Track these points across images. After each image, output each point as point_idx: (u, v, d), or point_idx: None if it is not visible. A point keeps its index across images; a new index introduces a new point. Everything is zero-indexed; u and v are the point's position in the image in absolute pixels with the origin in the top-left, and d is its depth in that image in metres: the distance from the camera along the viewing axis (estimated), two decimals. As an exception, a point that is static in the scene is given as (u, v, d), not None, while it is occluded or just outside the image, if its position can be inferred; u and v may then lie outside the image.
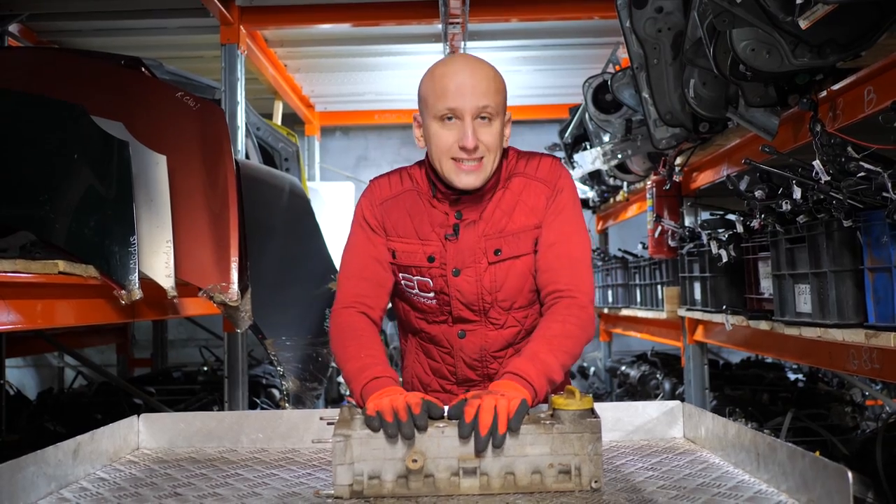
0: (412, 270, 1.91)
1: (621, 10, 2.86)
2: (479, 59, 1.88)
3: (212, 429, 1.86)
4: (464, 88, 1.77)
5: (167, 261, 2.57)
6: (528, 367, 1.62)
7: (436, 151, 1.82)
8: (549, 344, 1.69)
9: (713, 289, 3.21)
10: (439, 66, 1.85)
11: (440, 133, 1.80)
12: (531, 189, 1.89)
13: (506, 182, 1.91)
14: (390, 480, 1.38)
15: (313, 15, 4.64)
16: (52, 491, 1.43)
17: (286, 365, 3.32)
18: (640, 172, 4.29)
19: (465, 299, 1.89)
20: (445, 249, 1.87)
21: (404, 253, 1.90)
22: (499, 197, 1.89)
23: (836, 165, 1.99)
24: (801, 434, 3.20)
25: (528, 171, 1.91)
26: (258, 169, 4.12)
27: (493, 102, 1.79)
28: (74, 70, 2.94)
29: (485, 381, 1.93)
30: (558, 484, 1.39)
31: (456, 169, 1.80)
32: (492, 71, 1.85)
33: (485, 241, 1.87)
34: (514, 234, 1.87)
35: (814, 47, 1.95)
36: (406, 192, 1.92)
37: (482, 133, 1.78)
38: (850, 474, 1.13)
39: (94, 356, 6.43)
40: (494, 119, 1.80)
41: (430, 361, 1.99)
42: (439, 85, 1.79)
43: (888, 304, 1.96)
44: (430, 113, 1.81)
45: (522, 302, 1.91)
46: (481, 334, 1.92)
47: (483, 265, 1.87)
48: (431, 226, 1.89)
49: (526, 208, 1.89)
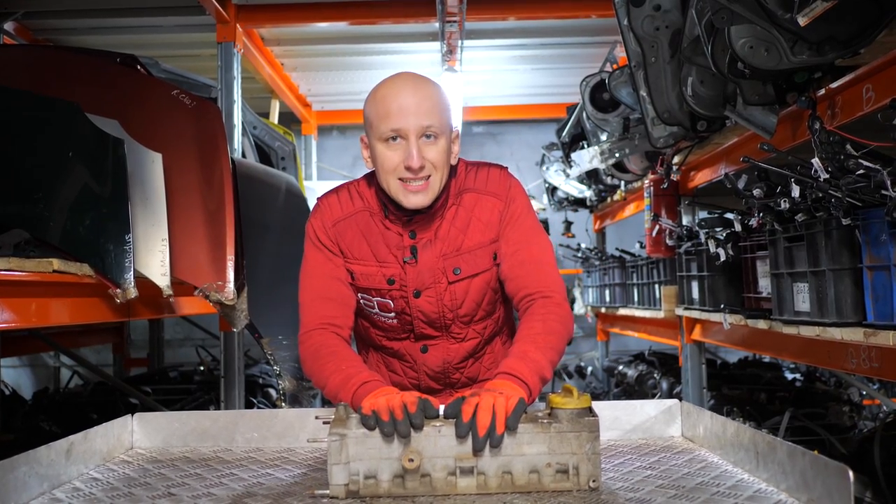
0: (372, 292, 1.90)
1: (619, 8, 2.85)
2: (422, 77, 1.85)
3: (206, 428, 1.84)
4: (406, 109, 1.76)
5: (163, 259, 2.56)
6: (521, 366, 1.61)
7: (382, 173, 1.80)
8: (535, 342, 1.69)
9: (711, 288, 3.20)
10: (381, 87, 1.83)
11: (386, 154, 1.78)
12: (483, 204, 1.89)
13: (457, 198, 1.90)
14: (386, 480, 1.36)
15: (310, 13, 4.63)
16: (44, 491, 1.42)
17: (282, 364, 3.31)
18: (638, 171, 4.29)
19: (427, 318, 1.90)
20: (405, 272, 1.87)
21: (363, 275, 1.89)
22: (452, 214, 1.89)
23: (835, 163, 1.98)
24: (798, 433, 3.20)
25: (478, 186, 1.91)
26: (254, 168, 4.11)
27: (436, 122, 1.78)
28: (69, 67, 2.92)
29: (447, 390, 1.96)
30: (556, 483, 1.37)
31: (403, 189, 1.79)
32: (434, 89, 1.82)
33: (443, 261, 1.87)
34: (470, 252, 1.88)
35: (813, 44, 1.95)
36: (358, 213, 1.90)
37: (427, 151, 1.77)
38: (851, 473, 1.12)
39: (91, 356, 6.42)
40: (440, 137, 1.79)
41: (392, 375, 1.99)
42: (382, 107, 1.78)
43: (887, 302, 1.95)
44: (375, 134, 1.79)
45: (482, 314, 1.94)
46: (443, 348, 1.93)
47: (443, 285, 1.88)
48: (388, 248, 1.88)
49: (480, 224, 1.89)
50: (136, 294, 2.39)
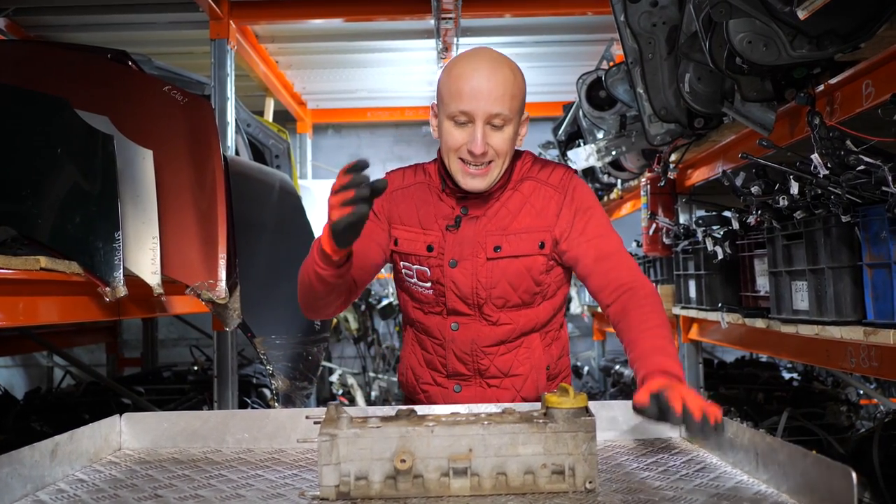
0: (412, 259, 1.93)
1: (616, 4, 2.82)
2: (501, 58, 1.84)
3: (196, 428, 1.81)
4: (478, 93, 1.76)
5: (153, 257, 2.52)
6: (674, 364, 1.58)
7: (445, 148, 1.84)
8: (664, 337, 1.67)
9: (708, 286, 3.18)
10: (458, 63, 1.83)
11: (451, 132, 1.81)
12: (540, 193, 1.91)
13: (517, 184, 1.92)
14: (378, 481, 1.33)
15: (305, 10, 4.59)
16: (27, 493, 1.38)
17: (276, 364, 3.27)
18: (635, 170, 4.26)
19: (460, 292, 1.89)
20: (445, 240, 1.89)
21: (406, 241, 1.93)
22: (507, 197, 1.91)
23: (835, 159, 1.95)
24: (796, 433, 3.18)
25: (540, 177, 1.93)
26: (248, 165, 4.07)
27: (507, 109, 1.78)
28: (59, 63, 2.88)
29: (475, 376, 1.94)
30: (551, 484, 1.34)
31: (463, 171, 1.82)
32: (511, 74, 1.81)
33: (485, 237, 1.88)
34: (516, 234, 1.88)
35: (812, 38, 1.92)
36: (417, 185, 1.96)
37: (492, 138, 1.79)
38: (854, 475, 1.09)
39: (84, 356, 6.37)
40: (508, 124, 1.80)
41: (424, 353, 2.00)
42: (455, 85, 1.78)
43: (887, 300, 1.93)
44: (444, 111, 1.81)
45: (516, 301, 1.91)
46: (474, 328, 1.91)
47: (481, 259, 1.88)
48: (436, 217, 1.92)
49: (533, 210, 1.89)
50: (125, 292, 2.35)
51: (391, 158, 7.16)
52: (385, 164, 7.17)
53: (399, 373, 2.11)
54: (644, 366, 1.58)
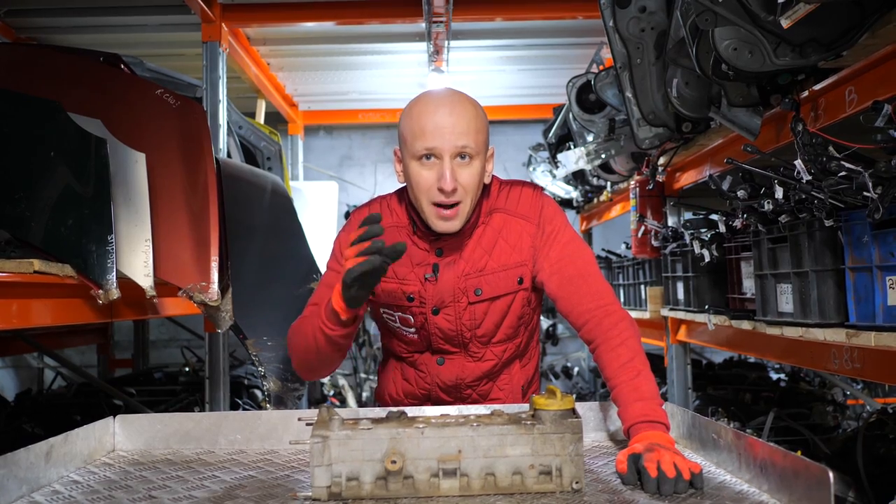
0: (393, 307, 1.91)
1: (605, 9, 2.85)
2: (460, 94, 1.82)
3: (189, 430, 1.83)
4: (443, 128, 1.74)
5: (146, 260, 2.53)
6: (656, 409, 1.58)
7: (415, 191, 1.80)
8: (638, 372, 1.65)
9: (696, 289, 3.22)
10: (417, 103, 1.81)
11: (420, 173, 1.77)
12: (512, 226, 1.88)
13: (486, 217, 1.89)
14: (369, 482, 1.36)
15: (296, 13, 4.60)
16: (23, 494, 1.40)
17: (267, 365, 3.28)
18: (624, 172, 4.30)
19: (445, 335, 1.90)
20: (425, 289, 1.87)
21: (384, 292, 1.90)
22: (479, 233, 1.88)
23: (818, 165, 1.99)
24: (783, 433, 3.21)
25: (508, 207, 1.90)
26: (240, 168, 4.08)
27: (472, 142, 1.76)
28: (51, 66, 2.89)
29: (456, 402, 1.95)
30: (539, 485, 1.37)
31: (436, 214, 1.79)
32: (472, 108, 1.79)
33: (465, 281, 1.86)
34: (493, 273, 1.87)
35: (796, 47, 1.95)
36: (389, 229, 1.87)
37: (461, 174, 1.76)
38: (831, 475, 1.12)
39: (75, 357, 6.36)
40: (475, 158, 1.77)
41: (405, 384, 2.00)
42: (417, 124, 1.76)
43: (869, 303, 1.96)
44: (409, 152, 1.78)
45: (501, 337, 1.93)
46: (459, 364, 1.94)
47: (463, 304, 1.87)
48: (412, 265, 1.88)
49: (507, 246, 1.87)
50: (118, 295, 2.37)
51: (382, 160, 7.17)
52: (376, 166, 7.19)
53: (376, 394, 2.11)
54: (626, 417, 1.60)
